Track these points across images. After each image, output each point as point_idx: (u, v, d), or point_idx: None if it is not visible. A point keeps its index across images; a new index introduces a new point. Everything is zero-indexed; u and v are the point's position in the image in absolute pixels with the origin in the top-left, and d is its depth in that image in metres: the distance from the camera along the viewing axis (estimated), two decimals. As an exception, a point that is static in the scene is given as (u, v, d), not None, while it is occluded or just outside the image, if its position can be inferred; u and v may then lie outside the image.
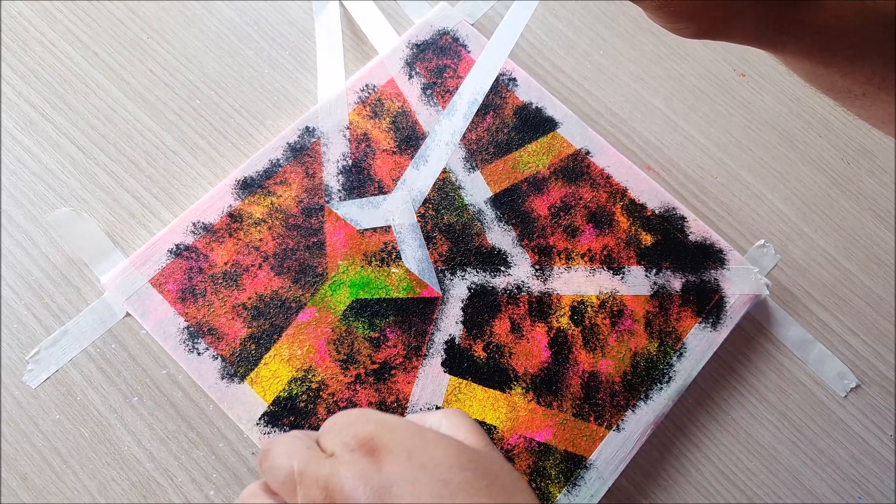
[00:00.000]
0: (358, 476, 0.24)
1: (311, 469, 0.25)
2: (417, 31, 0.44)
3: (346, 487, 0.24)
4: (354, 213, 0.39)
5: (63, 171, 0.40)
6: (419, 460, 0.24)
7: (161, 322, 0.36)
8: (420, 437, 0.26)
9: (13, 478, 0.35)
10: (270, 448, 0.28)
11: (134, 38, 0.43)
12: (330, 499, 0.24)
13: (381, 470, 0.24)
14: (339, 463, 0.25)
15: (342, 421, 0.27)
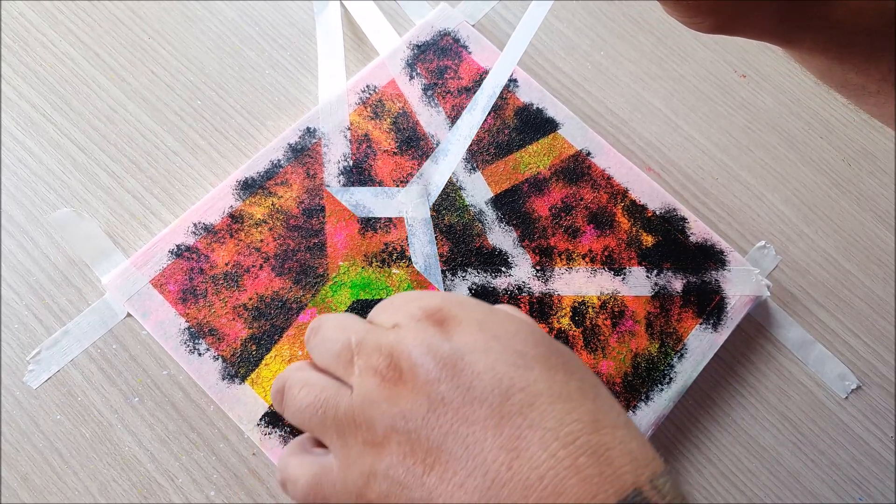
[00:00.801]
0: (427, 343, 0.23)
1: (371, 338, 0.24)
2: (418, 32, 0.44)
3: (414, 354, 0.23)
4: (368, 201, 0.39)
5: (64, 171, 0.40)
6: (492, 332, 0.23)
7: (162, 323, 0.36)
8: (491, 312, 0.24)
9: (14, 478, 0.35)
10: (321, 323, 0.27)
11: (135, 39, 0.43)
12: (395, 366, 0.23)
13: (451, 339, 0.23)
14: (404, 331, 0.24)
15: (401, 299, 0.26)
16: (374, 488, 0.22)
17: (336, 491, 0.23)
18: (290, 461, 0.26)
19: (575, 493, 0.19)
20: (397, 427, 0.22)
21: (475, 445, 0.21)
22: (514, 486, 0.20)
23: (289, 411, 0.26)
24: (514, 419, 0.21)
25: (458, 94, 0.43)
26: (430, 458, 0.21)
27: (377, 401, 0.23)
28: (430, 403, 0.22)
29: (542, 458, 0.20)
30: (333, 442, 0.24)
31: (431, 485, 0.21)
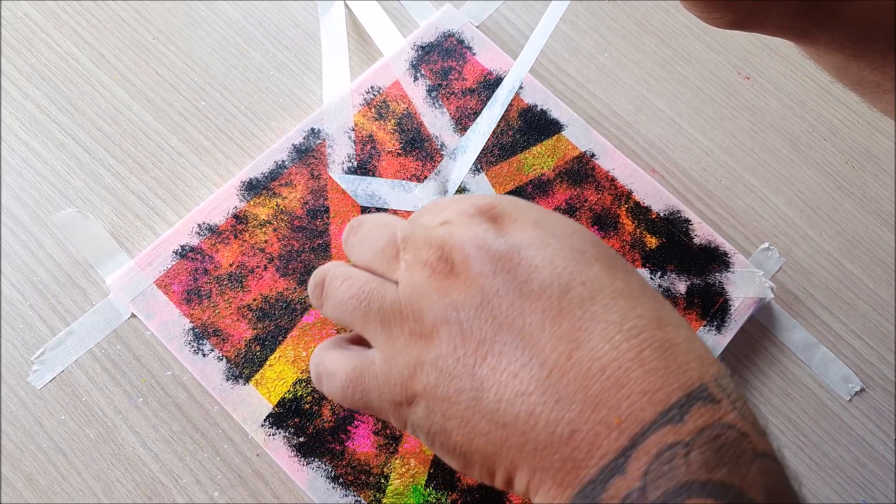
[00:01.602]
0: (480, 237, 0.22)
1: (419, 233, 0.23)
2: (422, 34, 0.44)
3: (467, 247, 0.22)
4: (384, 192, 0.39)
5: (68, 171, 0.40)
6: (549, 230, 0.22)
7: (166, 323, 0.36)
8: (546, 213, 0.24)
9: (18, 478, 0.35)
10: (361, 222, 0.26)
11: (139, 40, 0.43)
12: (446, 258, 0.22)
13: (506, 235, 0.22)
14: (455, 226, 0.23)
15: (447, 200, 0.25)
16: (420, 379, 0.21)
17: (378, 383, 0.23)
18: (326, 355, 0.25)
19: (639, 385, 0.19)
20: (448, 318, 0.21)
21: (532, 336, 0.20)
22: (573, 376, 0.19)
23: (329, 303, 0.25)
24: (574, 312, 0.20)
25: (462, 95, 0.43)
26: (483, 348, 0.21)
27: (426, 292, 0.22)
28: (484, 296, 0.21)
29: (605, 349, 0.20)
30: (377, 334, 0.23)
31: (483, 375, 0.20)
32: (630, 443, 0.19)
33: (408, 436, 0.36)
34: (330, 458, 0.35)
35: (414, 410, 0.22)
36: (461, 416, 0.21)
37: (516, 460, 0.20)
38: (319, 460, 0.35)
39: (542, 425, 0.20)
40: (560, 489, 0.20)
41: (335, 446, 0.35)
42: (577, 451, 0.19)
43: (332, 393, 0.24)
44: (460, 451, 0.22)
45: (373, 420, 0.36)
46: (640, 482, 0.18)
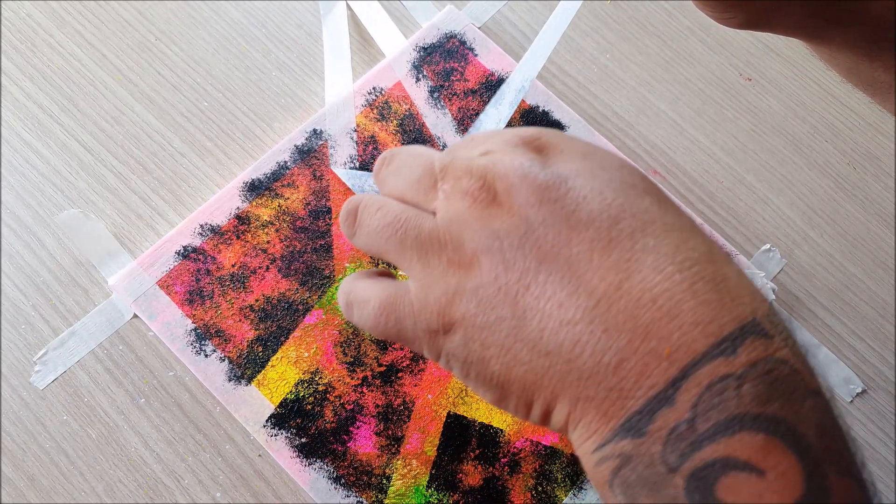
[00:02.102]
0: (526, 166, 0.21)
1: (459, 162, 0.22)
2: (424, 34, 0.44)
3: (511, 176, 0.21)
4: None
5: (71, 172, 0.40)
6: (596, 162, 0.22)
7: (168, 324, 0.37)
8: (592, 146, 0.23)
9: (20, 478, 0.35)
10: (394, 153, 0.25)
11: (142, 40, 0.43)
12: (488, 187, 0.21)
13: (553, 165, 0.22)
14: (499, 155, 0.22)
15: (487, 133, 0.24)
16: (458, 307, 0.21)
17: (413, 311, 0.22)
18: (358, 283, 0.24)
19: (691, 316, 0.18)
20: (489, 247, 0.21)
21: (579, 266, 0.20)
22: (623, 306, 0.19)
23: (362, 232, 0.24)
24: (624, 242, 0.20)
25: (464, 96, 0.43)
26: (526, 278, 0.20)
27: (467, 221, 0.21)
28: (529, 225, 0.21)
29: (656, 280, 0.19)
30: (412, 264, 0.22)
31: (526, 304, 0.20)
32: (680, 374, 0.18)
33: (409, 437, 0.36)
34: (332, 459, 0.35)
35: (450, 339, 0.22)
36: (501, 344, 0.20)
37: (558, 390, 0.20)
38: (321, 461, 0.35)
39: (588, 354, 0.19)
40: (603, 420, 0.19)
41: (337, 447, 0.35)
42: (625, 381, 0.19)
43: (364, 321, 0.24)
44: (497, 381, 0.21)
45: (374, 421, 0.36)
46: (688, 414, 0.18)
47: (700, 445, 0.18)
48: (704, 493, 0.17)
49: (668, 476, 0.18)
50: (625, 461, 0.19)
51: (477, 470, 0.36)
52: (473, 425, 0.36)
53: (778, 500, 0.17)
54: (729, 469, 0.17)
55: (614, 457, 0.19)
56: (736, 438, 0.17)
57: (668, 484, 0.18)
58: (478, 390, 0.22)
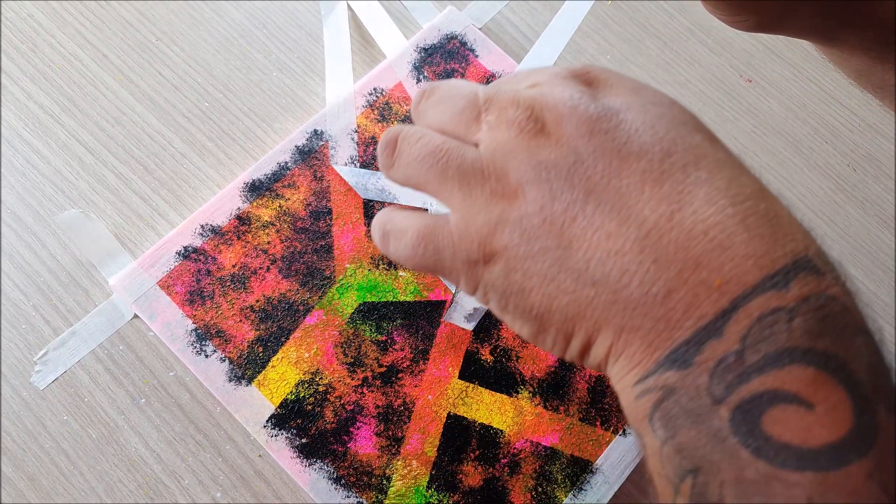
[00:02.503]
0: (576, 98, 0.21)
1: (505, 94, 0.22)
2: (425, 35, 0.44)
3: (561, 107, 0.21)
4: (395, 188, 0.39)
5: (72, 172, 0.40)
6: (647, 98, 0.21)
7: (169, 324, 0.37)
8: (642, 83, 0.22)
9: (21, 479, 0.35)
10: (435, 86, 0.24)
11: (143, 41, 0.43)
12: (536, 118, 0.21)
13: (604, 98, 0.21)
14: (547, 87, 0.22)
15: (531, 69, 0.24)
16: (501, 237, 0.21)
17: (453, 241, 0.22)
18: (395, 215, 0.24)
19: (743, 249, 0.18)
20: (536, 178, 0.20)
21: (629, 198, 0.20)
22: (673, 237, 0.19)
23: (401, 162, 0.23)
24: (676, 175, 0.20)
25: (464, 97, 0.43)
26: (574, 208, 0.20)
27: (512, 151, 0.21)
28: (578, 156, 0.20)
29: (709, 212, 0.19)
30: (453, 194, 0.22)
31: (572, 235, 0.20)
32: (731, 305, 0.18)
33: (410, 437, 0.36)
34: (332, 460, 0.35)
35: (490, 269, 0.21)
36: (544, 274, 0.20)
37: (602, 321, 0.20)
38: (321, 461, 0.35)
39: (636, 284, 0.19)
40: (648, 351, 0.19)
41: (337, 447, 0.35)
42: (673, 312, 0.19)
43: (400, 251, 0.23)
44: (537, 312, 0.21)
45: (375, 422, 0.36)
46: (737, 345, 0.18)
47: (748, 377, 0.17)
48: (750, 425, 0.17)
49: (714, 408, 0.18)
50: (668, 393, 0.19)
51: (477, 471, 0.36)
52: (473, 426, 0.36)
53: (826, 434, 0.17)
54: (777, 402, 0.17)
55: (657, 389, 0.19)
56: (785, 371, 0.17)
57: (713, 416, 0.18)
58: (514, 323, 0.22)
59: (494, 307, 0.22)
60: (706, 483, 0.18)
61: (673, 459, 0.19)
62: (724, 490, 0.17)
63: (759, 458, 0.17)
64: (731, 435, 0.17)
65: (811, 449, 0.17)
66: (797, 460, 0.17)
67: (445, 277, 0.23)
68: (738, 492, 0.17)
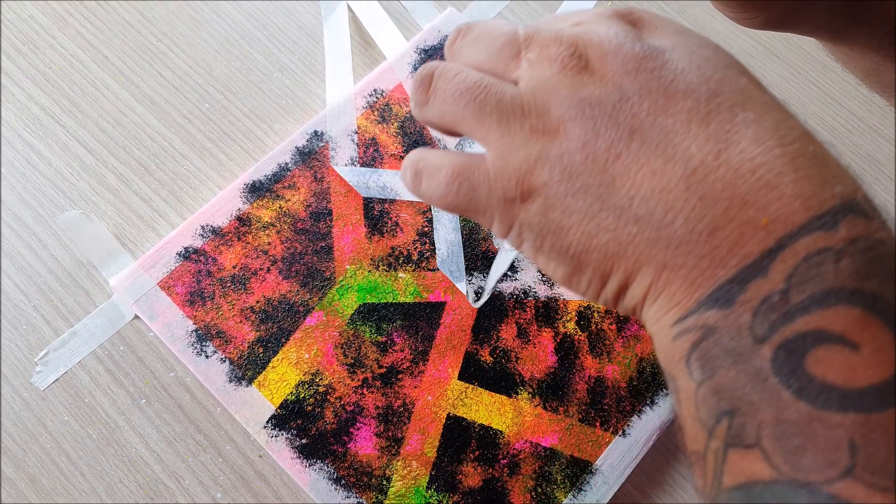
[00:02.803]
0: (621, 36, 0.21)
1: (547, 32, 0.22)
2: (425, 37, 0.44)
3: (606, 44, 0.20)
4: (396, 184, 0.40)
5: (72, 173, 0.40)
6: (693, 40, 0.21)
7: (169, 325, 0.37)
8: (687, 27, 0.22)
9: (21, 479, 0.35)
10: (471, 25, 0.24)
11: (144, 42, 0.43)
12: (580, 55, 0.21)
13: (649, 38, 0.21)
14: (591, 25, 0.21)
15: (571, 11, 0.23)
16: (540, 174, 0.20)
17: (489, 178, 0.21)
18: (428, 153, 0.23)
19: (791, 188, 0.18)
20: (579, 114, 0.20)
21: (675, 136, 0.19)
22: (720, 175, 0.19)
23: (436, 99, 0.23)
24: (724, 115, 0.19)
25: (464, 98, 0.43)
26: (618, 146, 0.20)
27: (555, 88, 0.21)
28: (623, 93, 0.20)
29: (757, 151, 0.19)
30: (490, 131, 0.21)
31: (616, 171, 0.20)
32: (777, 244, 0.18)
33: (409, 438, 0.36)
34: (332, 460, 0.35)
35: (527, 207, 0.21)
36: (585, 211, 0.20)
37: (642, 259, 0.20)
38: (321, 462, 0.35)
39: (681, 221, 0.19)
40: (689, 290, 0.19)
41: (337, 448, 0.35)
42: (718, 250, 0.18)
43: (433, 189, 0.23)
44: (574, 251, 0.21)
45: (375, 423, 0.36)
46: (783, 285, 0.17)
47: (792, 317, 0.17)
48: (793, 365, 0.17)
49: (755, 347, 0.18)
50: (707, 333, 0.18)
51: (476, 471, 0.36)
52: (473, 427, 0.37)
53: (871, 375, 0.16)
54: (822, 342, 0.17)
55: (696, 329, 0.19)
56: (831, 311, 0.17)
57: (754, 355, 0.18)
58: (548, 265, 0.22)
59: (528, 248, 0.22)
60: (743, 424, 0.18)
61: (709, 401, 0.18)
62: (761, 431, 0.17)
63: (801, 399, 0.17)
64: (773, 375, 0.17)
65: (855, 389, 0.16)
66: (840, 401, 0.16)
67: (478, 218, 0.23)
68: (776, 433, 0.17)
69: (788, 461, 0.17)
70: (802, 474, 0.16)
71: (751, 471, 0.17)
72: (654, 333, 0.20)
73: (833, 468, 0.16)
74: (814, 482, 0.16)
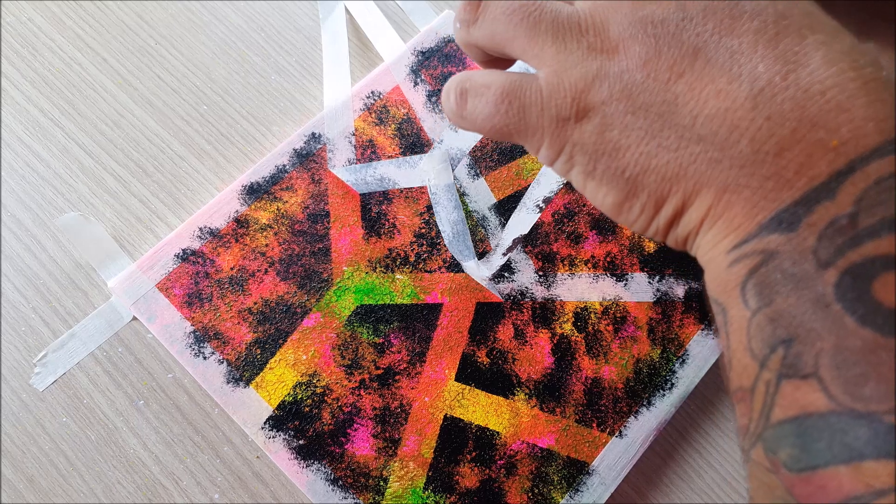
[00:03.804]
0: None
1: None
2: (423, 39, 0.44)
3: None
4: (392, 173, 0.40)
5: (71, 175, 0.40)
6: None
7: (167, 326, 0.37)
8: None
9: (20, 480, 0.35)
10: None
11: (142, 44, 0.44)
12: None
13: None
14: None
15: None
16: (599, 92, 0.20)
17: (542, 97, 0.21)
18: (474, 73, 0.23)
19: (863, 111, 0.17)
20: (642, 32, 0.20)
21: (741, 55, 0.19)
22: (788, 95, 0.18)
23: (487, 17, 0.22)
24: (792, 36, 0.19)
25: (462, 100, 0.43)
26: (681, 64, 0.19)
27: (614, 6, 0.20)
28: (686, 13, 0.20)
29: (827, 73, 0.18)
30: (544, 49, 0.21)
31: (679, 90, 0.19)
32: (847, 166, 0.17)
33: (406, 439, 0.36)
34: (329, 461, 0.35)
35: (583, 126, 0.20)
36: (646, 129, 0.19)
37: (703, 180, 0.19)
38: (319, 463, 0.35)
39: (746, 141, 0.18)
40: (751, 213, 0.18)
41: (335, 449, 0.36)
42: (784, 171, 0.18)
43: (480, 109, 0.22)
44: (630, 173, 0.20)
45: (372, 424, 0.36)
46: (851, 208, 0.17)
47: (860, 241, 0.17)
48: (858, 291, 0.16)
49: (819, 272, 0.17)
50: (767, 258, 0.18)
51: (473, 472, 0.36)
52: (470, 428, 0.37)
53: None
54: (890, 267, 0.16)
55: (755, 254, 0.18)
56: None
57: (817, 281, 0.17)
58: (599, 191, 0.21)
59: (578, 173, 0.21)
60: (800, 353, 0.17)
61: (764, 329, 0.18)
62: (819, 360, 0.17)
63: (865, 326, 0.16)
64: (836, 301, 0.17)
65: None
66: None
67: (526, 141, 0.22)
68: (836, 361, 0.16)
69: (848, 391, 0.16)
70: (862, 404, 0.16)
71: (805, 402, 0.17)
72: (707, 262, 0.20)
73: None
74: (875, 412, 0.16)
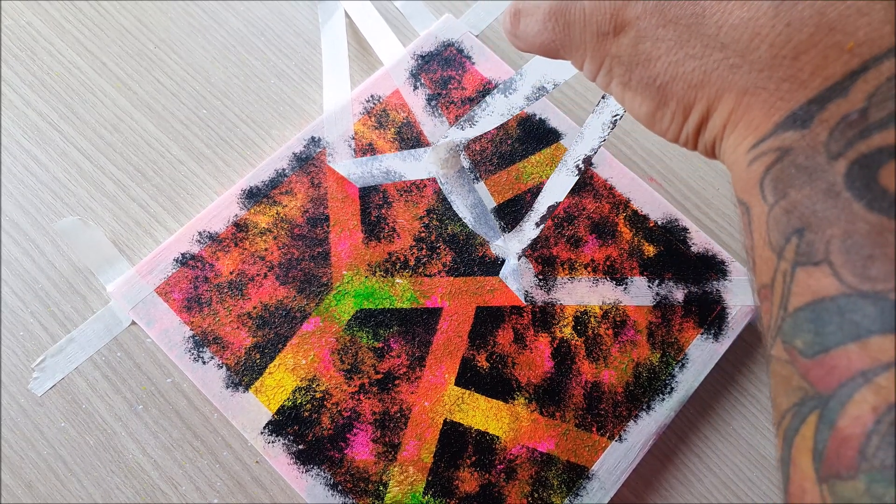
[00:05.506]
0: None
1: None
2: (422, 43, 0.44)
3: None
4: (398, 166, 0.40)
5: (70, 179, 0.40)
6: None
7: (166, 331, 0.37)
8: None
9: (18, 485, 0.35)
10: None
11: (141, 48, 0.44)
12: None
13: None
14: None
15: None
16: (633, 8, 0.22)
17: (585, 15, 0.23)
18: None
19: (881, 16, 0.18)
20: None
21: None
22: (809, 2, 0.19)
23: None
24: None
25: (461, 104, 0.43)
26: None
27: None
28: None
29: None
30: None
31: (706, 3, 0.20)
32: (861, 66, 0.18)
33: (406, 444, 0.36)
34: (329, 466, 0.35)
35: (619, 40, 0.22)
36: (675, 40, 0.21)
37: (725, 86, 0.20)
38: (318, 468, 0.35)
39: (765, 46, 0.19)
40: (768, 113, 0.19)
41: (334, 454, 0.36)
42: (800, 73, 0.19)
43: (530, 27, 0.25)
44: (661, 81, 0.22)
45: (371, 428, 0.36)
46: (863, 104, 0.18)
47: (869, 133, 0.17)
48: (866, 179, 0.17)
49: (829, 163, 0.18)
50: (783, 154, 0.19)
51: (473, 477, 0.36)
52: (470, 432, 0.37)
53: None
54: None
55: (772, 151, 0.19)
56: None
57: (828, 171, 0.18)
58: (635, 101, 0.23)
59: (617, 84, 0.23)
60: (812, 241, 0.18)
61: (780, 221, 0.19)
62: (830, 246, 0.17)
63: (872, 211, 0.17)
64: (845, 189, 0.17)
65: None
66: None
67: (570, 55, 0.24)
68: (846, 246, 0.17)
69: (856, 272, 0.17)
70: (870, 284, 0.17)
71: (817, 287, 0.18)
72: (731, 164, 0.21)
73: None
74: (881, 291, 0.16)
